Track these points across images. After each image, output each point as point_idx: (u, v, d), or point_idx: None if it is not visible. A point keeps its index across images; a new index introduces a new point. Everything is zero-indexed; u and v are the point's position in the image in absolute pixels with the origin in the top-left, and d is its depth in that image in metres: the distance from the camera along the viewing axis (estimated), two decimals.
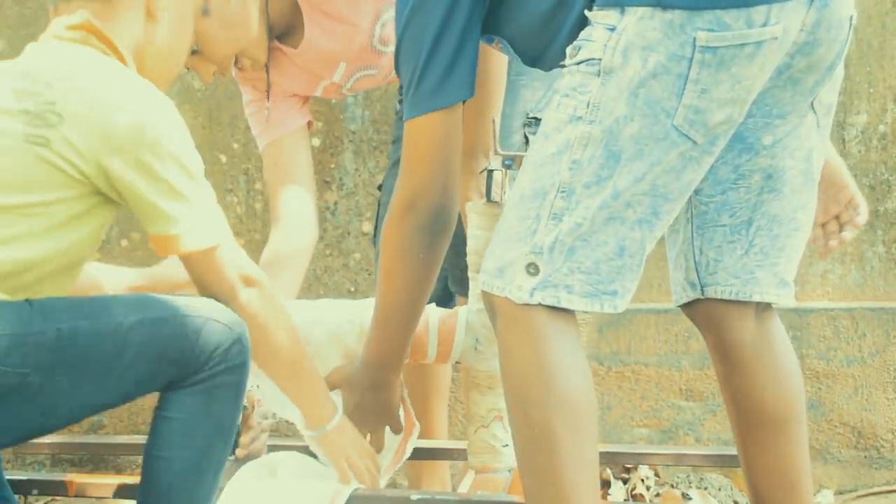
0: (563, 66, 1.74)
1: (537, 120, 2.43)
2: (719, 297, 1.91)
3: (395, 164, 2.74)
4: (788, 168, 1.85)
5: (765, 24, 1.64)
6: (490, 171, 2.23)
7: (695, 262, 1.93)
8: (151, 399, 1.90)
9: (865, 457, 3.19)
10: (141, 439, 2.50)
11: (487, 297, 1.78)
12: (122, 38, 1.92)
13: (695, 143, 1.68)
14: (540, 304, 1.70)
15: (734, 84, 1.66)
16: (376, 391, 2.12)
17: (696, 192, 1.87)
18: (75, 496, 2.30)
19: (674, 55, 1.64)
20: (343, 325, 2.23)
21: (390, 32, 2.50)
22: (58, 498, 2.99)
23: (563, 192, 1.69)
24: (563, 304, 1.70)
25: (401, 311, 2.01)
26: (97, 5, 1.91)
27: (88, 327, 1.77)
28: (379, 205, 2.79)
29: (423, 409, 2.81)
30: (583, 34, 1.71)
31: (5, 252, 1.76)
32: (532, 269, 1.70)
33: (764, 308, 1.94)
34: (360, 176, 3.26)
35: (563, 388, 1.69)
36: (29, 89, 1.81)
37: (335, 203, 3.24)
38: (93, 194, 1.82)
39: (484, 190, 2.24)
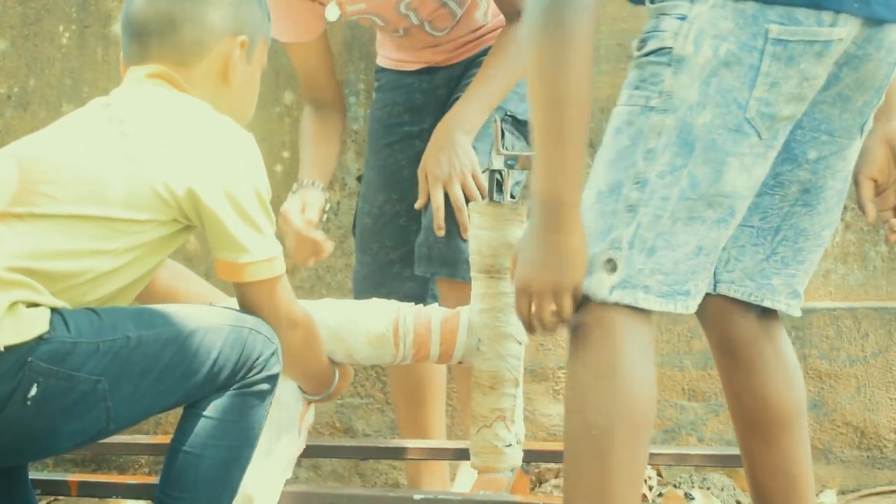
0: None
1: (515, 118, 2.43)
2: (731, 294, 1.91)
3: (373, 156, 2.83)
4: (828, 187, 1.86)
5: (833, 25, 1.67)
6: (493, 171, 2.23)
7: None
8: None
9: (868, 457, 3.19)
10: (144, 439, 2.51)
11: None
12: (196, 94, 2.01)
13: (760, 137, 1.68)
14: (617, 304, 1.68)
15: (801, 81, 1.67)
16: (557, 234, 1.70)
17: None
18: (77, 496, 2.31)
19: (745, 45, 1.65)
20: (345, 325, 2.23)
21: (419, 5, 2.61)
22: (60, 498, 2.99)
23: (637, 182, 1.68)
24: (641, 305, 1.68)
25: (579, 106, 1.69)
26: (175, 66, 2.00)
27: (152, 336, 1.85)
28: (359, 197, 2.86)
29: (419, 409, 2.81)
30: (648, 27, 1.71)
31: (89, 262, 1.84)
32: (610, 265, 1.68)
33: (770, 310, 1.94)
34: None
35: (630, 398, 1.66)
36: (123, 121, 1.92)
37: (337, 203, 3.24)
38: (177, 220, 1.90)
39: (487, 190, 2.25)
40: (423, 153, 2.58)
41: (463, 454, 2.43)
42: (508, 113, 2.49)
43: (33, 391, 1.76)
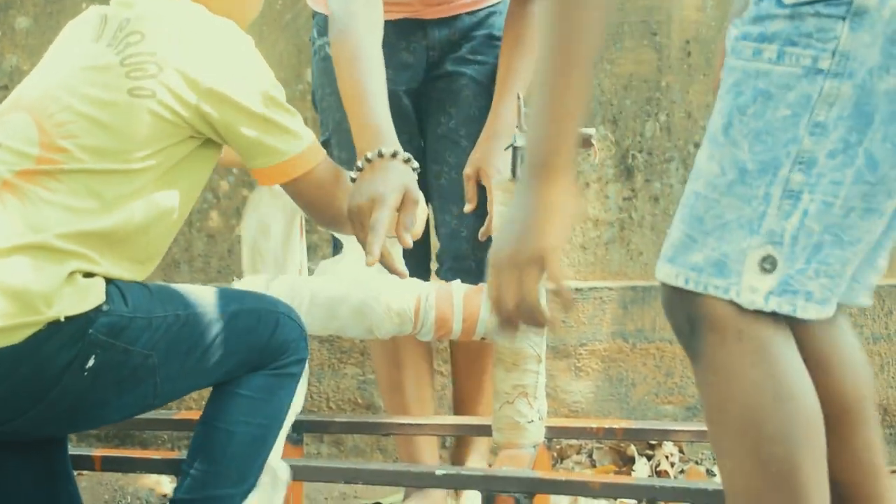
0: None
1: None
2: None
3: None
4: None
5: None
6: (515, 149, 2.22)
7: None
8: None
9: (891, 434, 3.18)
10: (166, 414, 2.52)
11: (687, 299, 1.43)
12: None
13: None
14: (773, 312, 1.39)
15: None
16: (541, 188, 1.46)
17: None
18: (101, 470, 2.32)
19: None
20: (368, 301, 2.23)
21: None
22: (84, 472, 3.01)
23: (801, 163, 1.38)
24: (800, 314, 1.39)
25: (589, 44, 1.46)
26: None
27: (199, 316, 1.89)
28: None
29: (475, 391, 2.80)
30: None
31: (123, 213, 1.83)
32: (769, 263, 1.38)
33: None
34: None
35: (805, 416, 1.39)
36: (124, 40, 1.88)
37: None
38: (193, 138, 1.89)
39: (510, 167, 2.24)
40: (467, 153, 2.45)
41: (484, 430, 2.43)
42: None
43: (91, 362, 1.77)
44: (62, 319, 1.73)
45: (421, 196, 2.05)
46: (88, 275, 1.79)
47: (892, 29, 1.36)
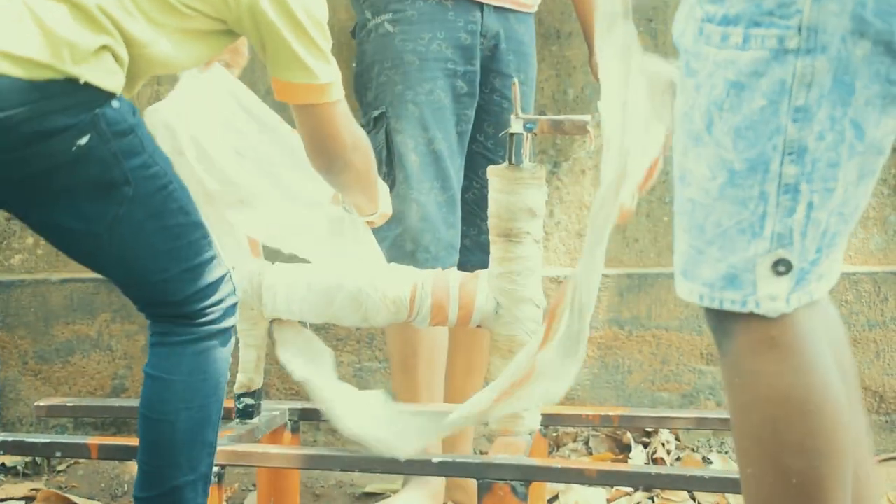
0: None
1: None
2: None
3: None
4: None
5: None
6: (512, 135, 2.22)
7: None
8: None
9: (887, 421, 3.18)
10: None
11: (710, 312, 1.36)
12: None
13: None
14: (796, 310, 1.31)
15: None
16: None
17: None
18: (98, 458, 2.32)
19: None
20: (364, 289, 2.23)
21: None
22: (80, 460, 3.01)
23: (791, 153, 1.28)
24: (816, 297, 1.32)
25: None
26: None
27: (178, 198, 1.88)
28: (389, 132, 2.68)
29: (465, 377, 2.80)
30: None
31: (150, 34, 1.84)
32: (783, 266, 1.29)
33: None
34: None
35: (831, 429, 1.30)
36: None
37: None
38: (224, 22, 1.91)
39: (508, 153, 2.24)
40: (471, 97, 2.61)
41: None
42: None
43: (83, 140, 1.77)
44: (81, 82, 1.75)
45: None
46: (114, 61, 1.81)
47: None
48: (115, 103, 1.80)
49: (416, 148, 2.60)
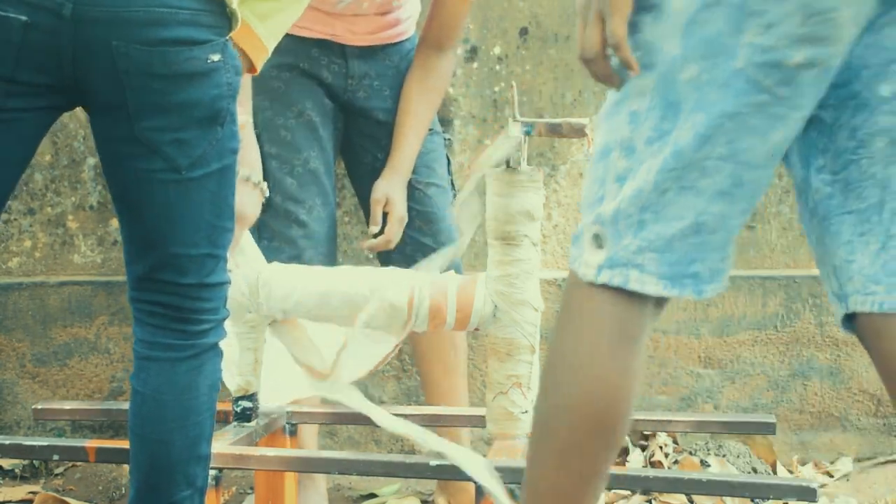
0: None
1: None
2: (864, 309, 1.48)
3: None
4: None
5: None
6: (508, 138, 2.22)
7: (832, 266, 1.52)
8: None
9: (885, 424, 3.18)
10: None
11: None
12: None
13: (772, 94, 1.37)
14: (606, 286, 1.45)
15: (806, 17, 1.33)
16: None
17: (817, 170, 1.50)
18: (95, 462, 2.32)
19: None
20: (361, 293, 2.23)
21: None
22: (78, 464, 3.02)
23: (624, 149, 1.44)
24: (633, 286, 1.44)
25: None
26: None
27: (234, 182, 1.90)
28: (269, 158, 2.75)
29: (441, 377, 2.82)
30: None
31: None
32: (597, 240, 1.46)
33: None
34: None
35: (584, 393, 1.45)
36: None
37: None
38: None
39: (504, 157, 2.24)
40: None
41: (478, 421, 2.43)
42: None
43: (216, 57, 1.80)
44: (228, 9, 1.80)
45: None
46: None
47: (686, 19, 1.37)
48: (235, 50, 1.85)
49: (290, 171, 2.72)
